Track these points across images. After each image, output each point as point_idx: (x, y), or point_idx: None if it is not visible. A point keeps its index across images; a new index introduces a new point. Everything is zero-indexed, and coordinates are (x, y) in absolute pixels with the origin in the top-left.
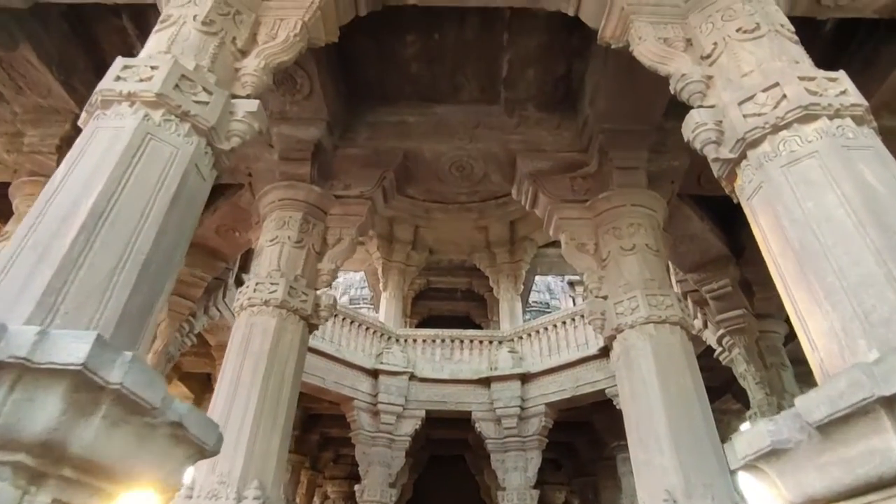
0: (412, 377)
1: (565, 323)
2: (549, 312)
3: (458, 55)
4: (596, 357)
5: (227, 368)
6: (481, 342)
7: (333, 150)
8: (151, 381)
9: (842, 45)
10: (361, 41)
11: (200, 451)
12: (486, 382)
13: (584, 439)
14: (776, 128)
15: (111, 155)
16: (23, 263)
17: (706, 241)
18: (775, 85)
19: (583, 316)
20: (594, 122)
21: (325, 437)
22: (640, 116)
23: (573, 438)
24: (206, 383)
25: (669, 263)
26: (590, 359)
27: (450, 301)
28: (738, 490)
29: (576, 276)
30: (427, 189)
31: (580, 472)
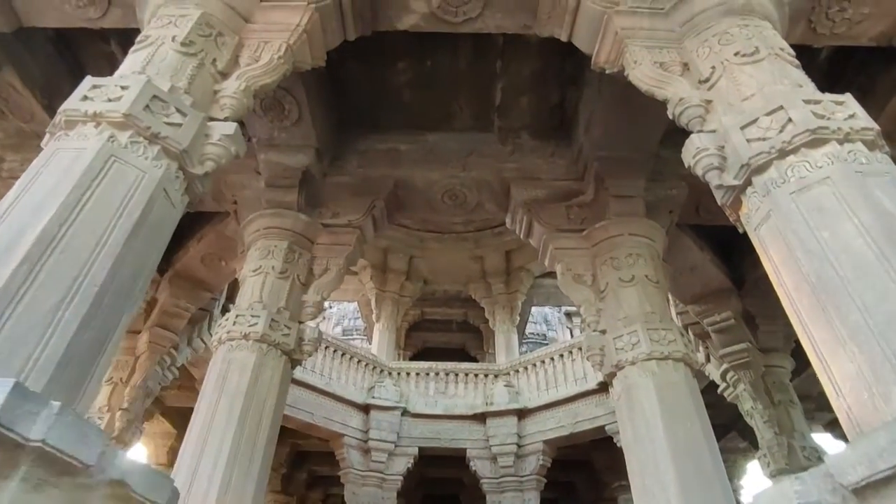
0: (405, 412)
1: (563, 356)
2: (546, 344)
3: (450, 82)
4: (595, 392)
5: (201, 408)
6: (476, 375)
7: (322, 178)
8: (84, 435)
9: (836, 75)
10: (352, 67)
11: None
12: (481, 418)
13: (584, 478)
14: (783, 153)
15: (68, 178)
16: None
17: (707, 272)
18: (779, 108)
19: (580, 348)
20: (589, 149)
21: (314, 476)
22: (636, 144)
23: (572, 478)
24: (190, 418)
25: (669, 295)
26: (589, 393)
27: (445, 332)
28: None
29: (573, 308)
30: (422, 218)
31: None
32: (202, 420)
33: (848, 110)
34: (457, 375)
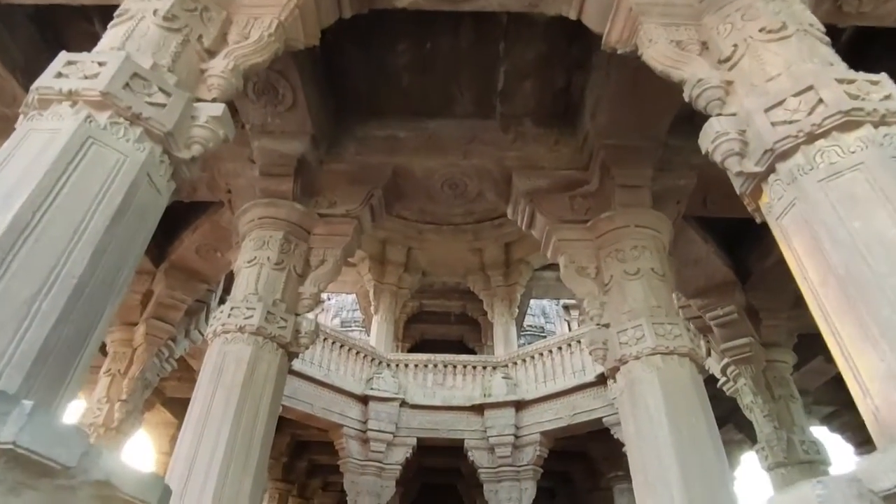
0: (403, 403)
1: (561, 348)
2: (544, 337)
3: (451, 65)
4: (593, 384)
5: (197, 402)
6: (475, 368)
7: (318, 166)
8: (61, 435)
9: (857, 58)
10: (349, 50)
11: None
12: (479, 409)
13: (580, 469)
14: (812, 136)
15: (42, 161)
16: None
17: (711, 266)
18: (809, 88)
19: (579, 341)
20: (595, 137)
21: (314, 465)
22: (644, 132)
23: (569, 468)
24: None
25: None
26: (586, 386)
27: (443, 325)
28: None
29: (571, 300)
30: (420, 209)
31: (575, 503)
32: (198, 413)
33: (884, 90)
34: (455, 367)
